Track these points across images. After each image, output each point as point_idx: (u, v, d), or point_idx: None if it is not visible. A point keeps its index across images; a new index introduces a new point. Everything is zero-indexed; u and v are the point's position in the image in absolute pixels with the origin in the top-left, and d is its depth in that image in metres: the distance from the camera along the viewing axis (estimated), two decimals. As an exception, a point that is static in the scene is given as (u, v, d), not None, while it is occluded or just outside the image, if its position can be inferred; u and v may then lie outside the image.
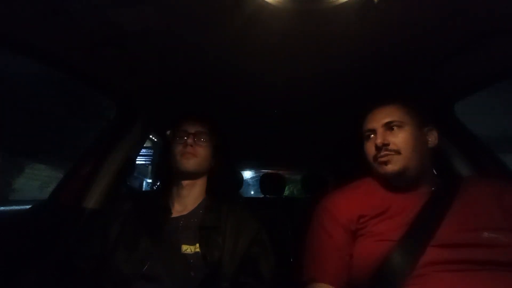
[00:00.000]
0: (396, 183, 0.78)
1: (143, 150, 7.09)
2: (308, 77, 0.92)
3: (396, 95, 0.84)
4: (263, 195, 2.39)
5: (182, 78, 0.95)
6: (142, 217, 0.84)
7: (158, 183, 1.00)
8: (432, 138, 0.79)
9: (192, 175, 0.91)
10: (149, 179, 8.24)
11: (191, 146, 0.88)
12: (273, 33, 0.70)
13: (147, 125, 1.25)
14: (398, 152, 0.74)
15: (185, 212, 0.86)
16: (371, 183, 0.85)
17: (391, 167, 0.75)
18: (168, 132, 0.95)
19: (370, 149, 0.80)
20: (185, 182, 0.90)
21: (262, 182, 2.38)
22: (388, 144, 0.75)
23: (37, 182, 5.60)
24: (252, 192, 8.34)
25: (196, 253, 0.77)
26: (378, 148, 0.76)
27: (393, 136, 0.75)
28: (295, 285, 0.76)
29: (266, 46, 0.75)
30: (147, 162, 8.41)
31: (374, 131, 0.79)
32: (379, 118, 0.79)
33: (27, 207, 0.93)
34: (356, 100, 1.04)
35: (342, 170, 1.83)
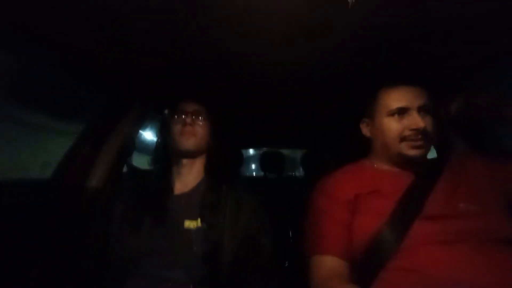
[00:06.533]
0: (406, 164, 0.80)
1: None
2: (310, 54, 0.89)
3: (416, 76, 0.82)
4: (263, 173, 2.42)
5: (181, 57, 0.92)
6: (145, 195, 0.86)
7: (158, 162, 1.00)
8: None
9: (192, 154, 0.91)
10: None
11: (190, 125, 0.88)
12: (273, 14, 0.67)
13: (147, 104, 1.23)
14: (428, 137, 0.75)
15: (186, 190, 0.88)
16: (364, 164, 0.89)
17: (423, 151, 0.76)
18: (166, 112, 0.94)
19: (397, 127, 0.78)
20: (184, 161, 0.91)
21: (262, 160, 2.39)
22: (425, 129, 0.74)
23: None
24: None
25: (198, 228, 0.79)
26: (416, 131, 0.74)
27: (425, 121, 0.75)
28: (294, 260, 0.79)
29: (266, 25, 0.72)
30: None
31: (406, 110, 0.77)
32: (413, 98, 0.77)
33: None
34: (358, 79, 1.02)
35: (342, 150, 1.83)
